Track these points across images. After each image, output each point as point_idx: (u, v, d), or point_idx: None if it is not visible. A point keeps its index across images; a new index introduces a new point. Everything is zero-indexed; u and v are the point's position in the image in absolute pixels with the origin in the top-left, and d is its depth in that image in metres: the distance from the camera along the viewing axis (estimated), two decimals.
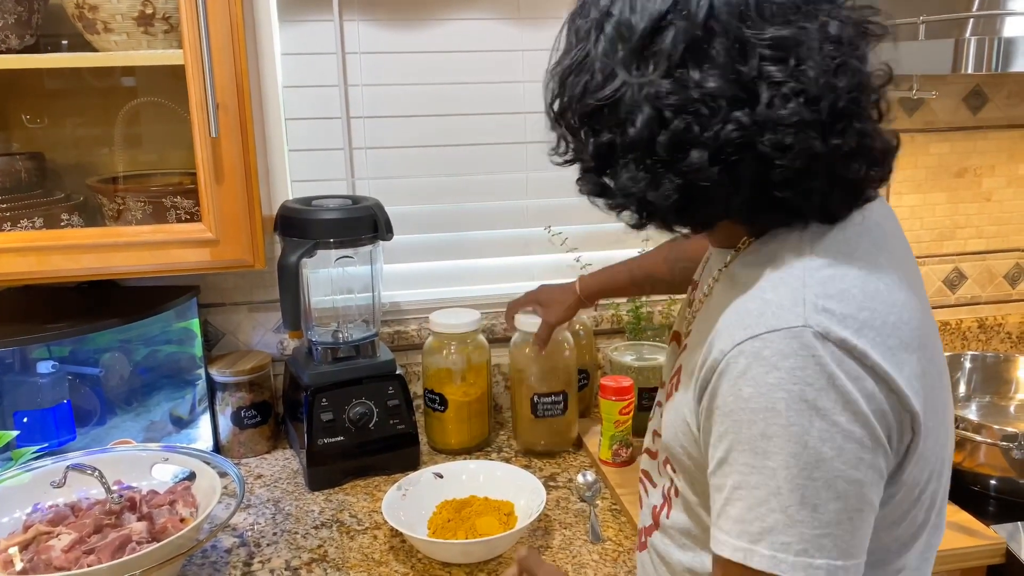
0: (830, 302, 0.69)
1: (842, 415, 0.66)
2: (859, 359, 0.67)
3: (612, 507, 1.36)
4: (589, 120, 0.73)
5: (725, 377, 0.70)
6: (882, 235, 0.77)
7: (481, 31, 1.64)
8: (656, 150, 0.69)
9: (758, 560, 0.67)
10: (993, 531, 1.25)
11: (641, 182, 0.71)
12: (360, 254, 1.50)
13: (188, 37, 1.21)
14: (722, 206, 0.72)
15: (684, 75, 0.67)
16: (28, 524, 1.17)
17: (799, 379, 0.66)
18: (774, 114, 0.67)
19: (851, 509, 0.67)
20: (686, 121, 0.67)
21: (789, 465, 0.66)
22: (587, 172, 0.76)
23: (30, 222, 1.30)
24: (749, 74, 0.66)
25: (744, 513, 0.68)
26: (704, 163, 0.68)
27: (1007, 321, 1.95)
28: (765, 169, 0.69)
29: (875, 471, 0.68)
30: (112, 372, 1.52)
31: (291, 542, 1.28)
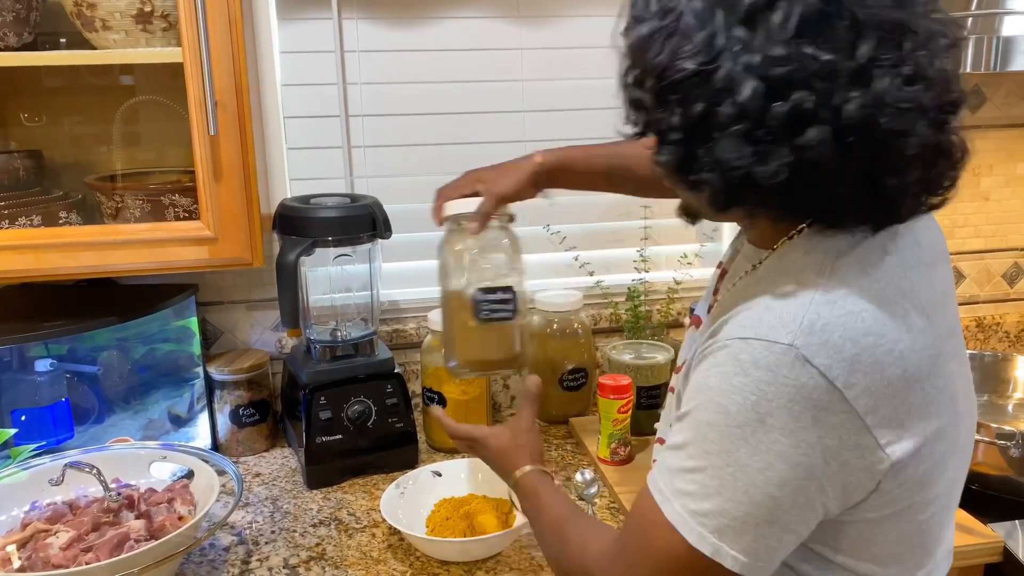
0: (831, 323, 0.68)
1: (787, 438, 0.68)
2: (841, 389, 0.67)
3: (610, 505, 1.36)
4: (678, 88, 0.68)
5: (706, 360, 0.73)
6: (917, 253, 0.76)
7: (480, 29, 1.64)
8: (768, 123, 0.65)
9: (669, 511, 0.73)
10: (991, 529, 1.25)
11: (747, 156, 0.67)
12: (359, 252, 1.50)
13: (187, 35, 1.21)
14: (826, 192, 0.69)
15: (798, 48, 0.64)
16: (26, 522, 1.17)
17: (760, 392, 0.68)
18: (893, 95, 0.65)
19: (760, 519, 0.70)
20: (804, 95, 0.64)
21: (720, 455, 0.70)
22: (669, 144, 0.71)
23: (28, 220, 1.30)
24: (865, 54, 0.65)
25: (675, 470, 0.74)
26: (824, 140, 0.65)
27: (1005, 320, 1.95)
28: (876, 155, 0.66)
29: (800, 497, 0.70)
30: (110, 370, 1.52)
31: (289, 540, 1.28)
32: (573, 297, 1.65)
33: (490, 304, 1.12)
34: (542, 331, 1.65)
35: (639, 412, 1.51)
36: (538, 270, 1.77)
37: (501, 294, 1.12)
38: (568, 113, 1.69)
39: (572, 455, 1.54)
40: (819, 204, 0.71)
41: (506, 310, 1.13)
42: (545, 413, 1.68)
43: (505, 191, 1.15)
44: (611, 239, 1.78)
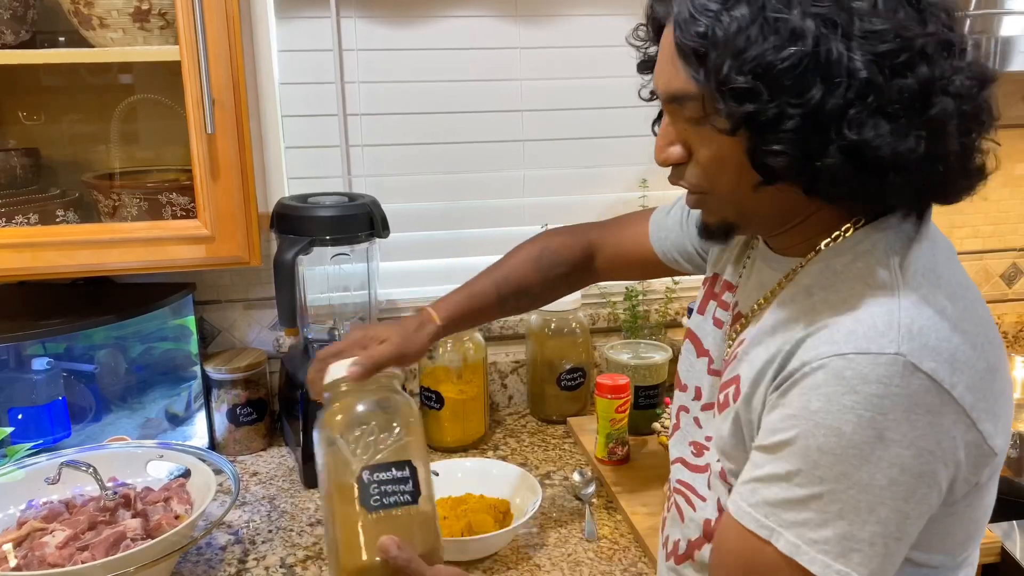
0: (925, 326, 0.67)
1: (908, 450, 0.66)
2: (948, 390, 0.66)
3: (608, 505, 1.36)
4: (788, 74, 0.64)
5: (799, 386, 0.69)
6: (949, 248, 0.76)
7: (479, 28, 1.64)
8: (896, 98, 0.64)
9: (783, 543, 0.68)
10: (988, 530, 1.25)
11: (887, 135, 0.64)
12: (356, 251, 1.50)
13: (184, 33, 1.20)
14: (939, 166, 0.67)
15: (898, 23, 0.64)
16: (22, 521, 1.17)
17: (875, 407, 0.65)
18: (976, 66, 0.67)
19: (888, 536, 0.67)
20: (925, 67, 0.64)
21: (838, 480, 0.66)
22: (784, 132, 0.66)
23: (25, 218, 1.29)
24: (940, 33, 0.66)
25: (780, 502, 0.68)
26: (948, 110, 0.65)
27: (1003, 320, 1.95)
28: (970, 126, 0.68)
29: (923, 506, 0.68)
30: (107, 369, 1.52)
31: (286, 539, 1.27)
32: (571, 297, 1.63)
33: (382, 485, 0.84)
34: (540, 330, 1.65)
35: (636, 412, 1.51)
36: None
37: (395, 471, 0.85)
38: (566, 112, 1.69)
39: (570, 454, 1.54)
40: (931, 181, 0.69)
41: (403, 492, 0.84)
42: (543, 412, 1.68)
43: (407, 350, 1.03)
44: None
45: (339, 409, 0.93)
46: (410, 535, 0.83)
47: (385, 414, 0.91)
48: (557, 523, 1.31)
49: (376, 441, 0.87)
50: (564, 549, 1.24)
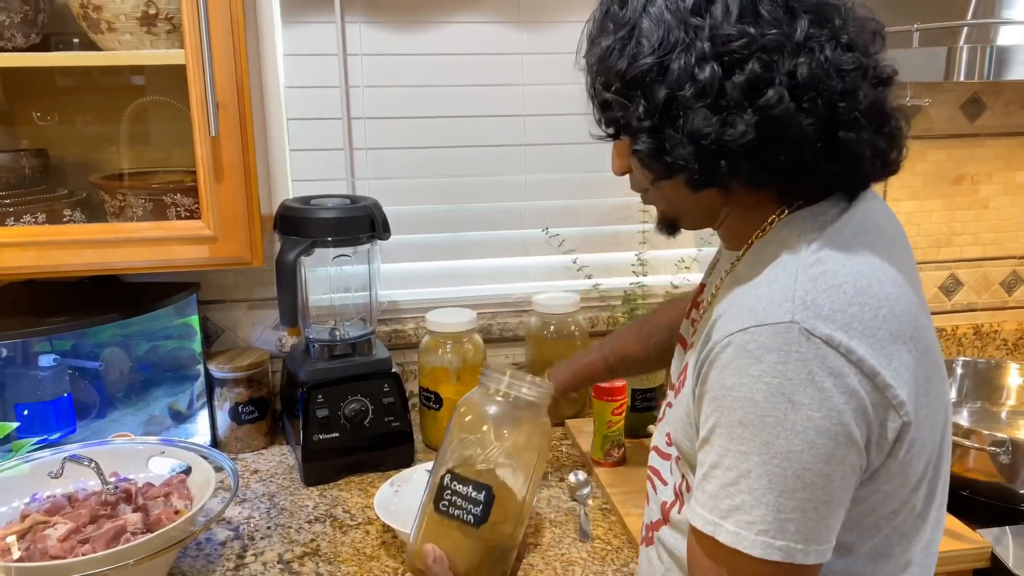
0: (819, 297, 0.71)
1: (817, 411, 0.69)
2: (844, 355, 0.70)
3: (603, 506, 1.38)
4: (640, 82, 0.76)
5: (714, 366, 0.74)
6: (880, 235, 0.80)
7: (481, 34, 1.66)
8: (728, 93, 0.72)
9: (724, 535, 0.71)
10: (979, 535, 1.26)
11: (716, 124, 0.73)
12: (358, 253, 1.52)
13: (189, 37, 1.23)
14: (792, 151, 0.74)
15: (743, 29, 0.72)
16: (25, 513, 1.19)
17: (779, 373, 0.69)
18: (837, 59, 0.73)
19: (817, 500, 0.70)
20: (758, 64, 0.72)
21: (761, 452, 0.70)
22: (641, 132, 0.78)
23: (32, 217, 1.32)
24: (803, 30, 0.73)
25: (717, 490, 0.72)
26: (783, 99, 0.72)
27: (1003, 328, 1.95)
28: (831, 112, 0.73)
29: (845, 466, 0.71)
30: (112, 366, 1.54)
31: (284, 536, 1.29)
32: (571, 300, 1.66)
33: (455, 495, 0.86)
34: (539, 333, 1.67)
35: (633, 415, 1.53)
36: (536, 273, 1.79)
37: (473, 490, 0.85)
38: (567, 117, 1.70)
39: (567, 456, 1.55)
40: (787, 165, 0.75)
41: (470, 512, 0.85)
42: None
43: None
44: (609, 243, 1.79)
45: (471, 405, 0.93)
46: (458, 552, 0.85)
47: (505, 431, 0.89)
48: (552, 523, 1.32)
49: (477, 454, 0.88)
50: (558, 549, 1.25)
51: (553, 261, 1.78)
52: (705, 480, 0.74)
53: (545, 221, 1.76)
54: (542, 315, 1.66)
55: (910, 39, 1.39)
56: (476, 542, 0.86)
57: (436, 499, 0.88)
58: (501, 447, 0.89)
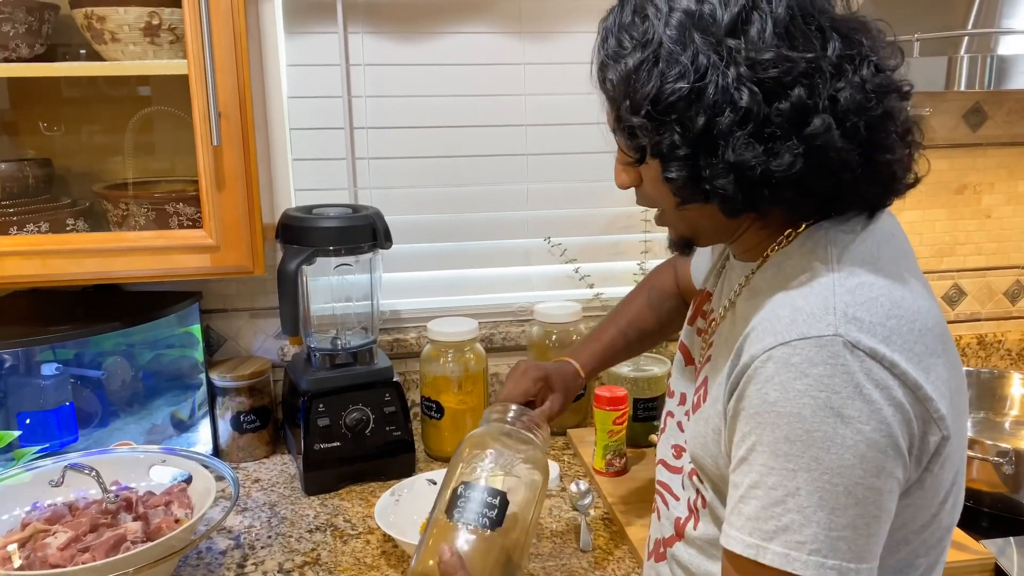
0: (859, 311, 0.70)
1: (867, 424, 0.68)
2: (888, 368, 0.69)
3: (604, 516, 1.37)
4: (675, 108, 0.73)
5: (753, 381, 0.72)
6: (899, 246, 0.80)
7: (484, 44, 1.66)
8: (773, 120, 0.71)
9: (770, 557, 0.69)
10: (983, 546, 1.25)
11: (761, 154, 0.71)
12: (360, 262, 1.52)
13: (192, 48, 1.24)
14: (835, 177, 0.73)
15: (780, 53, 0.71)
16: (26, 522, 1.19)
17: (826, 387, 0.68)
18: (873, 82, 0.72)
19: (868, 515, 0.68)
20: (801, 91, 0.70)
21: (811, 468, 0.68)
22: (676, 160, 0.75)
23: (36, 226, 1.33)
24: (837, 52, 0.72)
25: (759, 512, 0.70)
26: (830, 127, 0.71)
27: (1007, 338, 1.95)
28: (871, 135, 0.73)
29: (894, 480, 0.70)
30: (114, 375, 1.54)
31: (285, 545, 1.29)
32: (572, 309, 1.66)
33: (469, 502, 0.89)
34: (541, 342, 1.67)
35: (635, 424, 1.52)
36: (538, 282, 1.79)
37: (487, 496, 0.89)
38: (569, 127, 1.71)
39: (568, 466, 1.55)
40: (830, 190, 0.74)
41: (484, 515, 0.87)
42: None
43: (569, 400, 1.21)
44: (611, 252, 1.79)
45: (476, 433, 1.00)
46: (473, 555, 0.85)
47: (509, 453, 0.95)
48: (553, 533, 1.32)
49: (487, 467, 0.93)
50: (559, 559, 1.25)
51: (555, 270, 1.78)
52: (743, 502, 0.72)
53: (547, 230, 1.76)
54: (544, 324, 1.66)
55: (911, 49, 1.39)
56: (491, 546, 0.87)
57: (449, 508, 0.89)
58: (511, 459, 0.94)
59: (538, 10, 1.66)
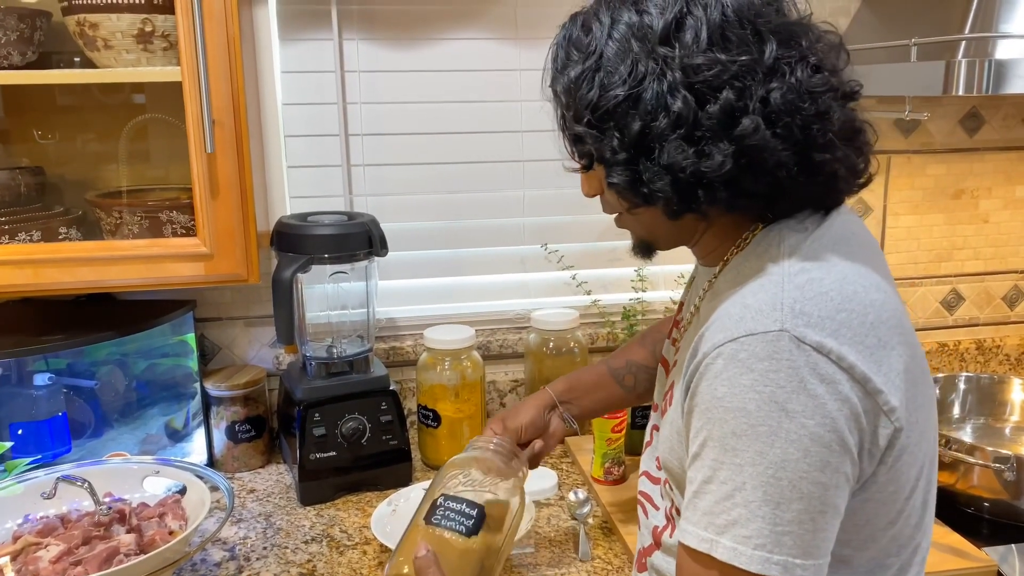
0: (808, 305, 0.71)
1: (811, 418, 0.68)
2: (836, 362, 0.69)
3: (603, 525, 1.36)
4: (613, 114, 0.76)
5: (704, 378, 0.73)
6: (857, 242, 0.80)
7: (479, 51, 1.66)
8: (703, 123, 0.72)
9: (721, 551, 0.70)
10: (985, 553, 1.24)
11: (692, 156, 0.73)
12: (355, 270, 1.51)
13: (185, 55, 1.23)
14: (769, 177, 0.75)
15: (714, 56, 0.72)
16: (18, 535, 1.18)
17: (771, 381, 0.69)
18: (808, 82, 0.74)
19: (813, 511, 0.69)
20: (731, 92, 0.72)
21: (756, 463, 0.69)
22: (616, 165, 0.78)
23: (28, 235, 1.31)
24: (773, 54, 0.73)
25: (711, 506, 0.71)
26: (759, 127, 0.72)
27: (1005, 343, 1.94)
28: (805, 135, 0.74)
29: (840, 475, 0.70)
30: (108, 385, 1.53)
31: (280, 556, 1.28)
32: (570, 316, 1.65)
33: (448, 510, 0.91)
34: (538, 349, 1.66)
35: (633, 432, 1.51)
36: (535, 289, 1.78)
37: (466, 506, 0.91)
38: None
39: (567, 474, 1.54)
40: (764, 190, 0.76)
41: (462, 523, 0.90)
42: None
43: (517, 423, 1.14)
44: (608, 258, 1.78)
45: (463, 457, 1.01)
46: (448, 558, 0.86)
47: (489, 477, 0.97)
48: (551, 542, 1.31)
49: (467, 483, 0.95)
50: (558, 569, 1.24)
51: (552, 277, 1.77)
52: (697, 497, 0.73)
53: (543, 237, 1.76)
54: (541, 331, 1.65)
55: (908, 53, 1.39)
56: (466, 551, 0.88)
57: (428, 516, 0.90)
58: (492, 480, 0.96)
59: (533, 17, 1.65)
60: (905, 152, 1.79)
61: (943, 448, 1.32)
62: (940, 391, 1.64)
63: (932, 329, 1.92)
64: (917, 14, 1.50)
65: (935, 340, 1.92)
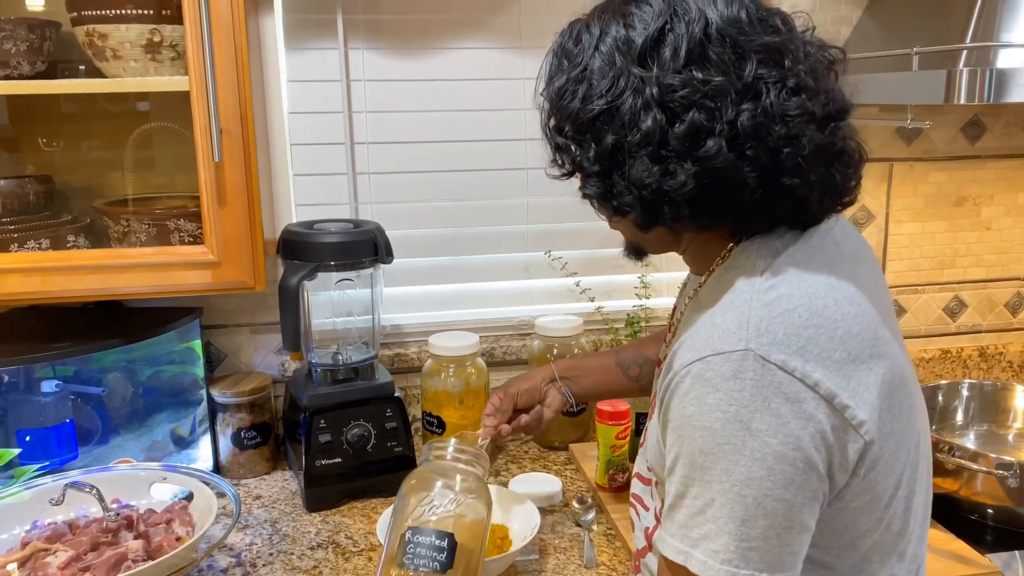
0: (774, 323, 0.72)
1: (774, 437, 0.69)
2: (800, 379, 0.70)
3: (608, 531, 1.36)
4: (590, 127, 0.77)
5: (675, 395, 0.75)
6: (838, 253, 0.81)
7: (483, 59, 1.67)
8: (670, 142, 0.73)
9: (694, 563, 0.72)
10: (989, 560, 1.24)
11: (656, 173, 0.74)
12: (361, 277, 1.52)
13: (193, 64, 1.24)
14: (733, 198, 0.75)
15: (690, 75, 0.73)
16: (26, 541, 1.18)
17: (735, 400, 0.70)
18: (780, 105, 0.73)
19: (779, 527, 0.70)
20: (699, 113, 0.72)
21: (722, 480, 0.70)
22: (591, 176, 0.79)
23: (36, 243, 1.32)
24: (751, 73, 0.73)
25: (686, 519, 0.73)
26: (721, 149, 0.72)
27: (1008, 350, 1.95)
28: (773, 159, 0.73)
29: (806, 492, 0.71)
30: (115, 392, 1.54)
31: (286, 563, 1.28)
32: (574, 322, 1.66)
33: (418, 547, 0.89)
34: (542, 356, 1.67)
35: (637, 438, 1.51)
36: (539, 296, 1.79)
37: (435, 538, 0.90)
38: None
39: (571, 481, 1.54)
40: (729, 210, 0.77)
41: (435, 559, 0.88)
42: (545, 439, 1.69)
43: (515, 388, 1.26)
44: (612, 265, 1.79)
45: (418, 472, 1.02)
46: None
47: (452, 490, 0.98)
48: (556, 549, 1.31)
49: (433, 508, 0.96)
50: (563, 575, 1.24)
51: (556, 284, 1.78)
52: (673, 509, 0.75)
53: (547, 244, 1.76)
54: (545, 338, 1.66)
55: (910, 62, 1.40)
56: None
57: (399, 556, 0.91)
58: (455, 494, 0.97)
59: (537, 25, 1.66)
60: (907, 160, 1.80)
61: (946, 455, 1.33)
62: (943, 398, 1.64)
63: (935, 336, 1.92)
64: (918, 23, 1.51)
65: (938, 347, 1.92)
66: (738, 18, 0.75)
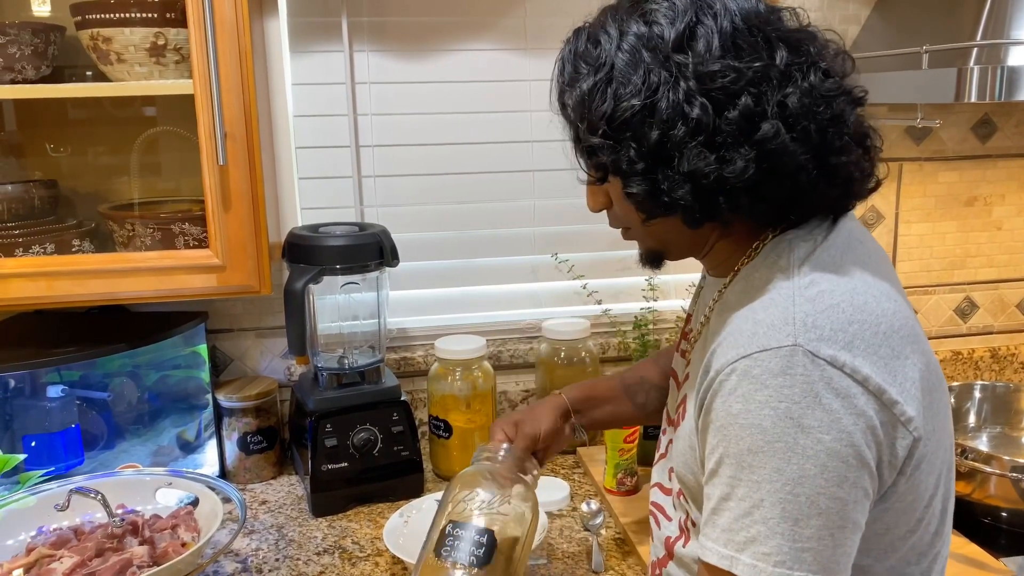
0: (820, 319, 0.71)
1: (827, 434, 0.68)
2: (850, 375, 0.69)
3: (616, 536, 1.35)
4: (629, 125, 0.76)
5: (718, 394, 0.73)
6: (865, 251, 0.80)
7: (489, 61, 1.66)
8: (723, 129, 0.73)
9: (741, 568, 0.69)
10: (1002, 563, 1.23)
11: (713, 161, 0.73)
12: (366, 280, 1.51)
13: (198, 68, 1.23)
14: (792, 181, 0.75)
15: (728, 63, 0.73)
16: (31, 547, 1.18)
17: (786, 397, 0.68)
18: (821, 87, 0.74)
19: (832, 526, 0.68)
20: (748, 99, 0.72)
21: (773, 479, 0.68)
22: (634, 176, 0.77)
23: (41, 248, 1.32)
24: (784, 60, 0.74)
25: (731, 523, 0.71)
26: (779, 131, 0.72)
27: (1020, 351, 1.93)
28: (822, 139, 0.74)
29: (859, 490, 0.69)
30: (120, 397, 1.53)
31: (293, 568, 1.27)
32: (581, 325, 1.65)
33: (457, 540, 0.89)
34: (549, 359, 1.65)
35: (646, 442, 1.50)
36: (546, 299, 1.77)
37: (475, 534, 0.90)
38: None
39: (579, 485, 1.53)
40: (785, 195, 0.76)
41: (473, 553, 0.88)
42: None
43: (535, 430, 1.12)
44: (619, 267, 1.78)
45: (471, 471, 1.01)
46: None
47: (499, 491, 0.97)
48: (564, 554, 1.30)
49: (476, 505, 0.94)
50: None
51: (562, 287, 1.77)
52: (715, 514, 0.72)
53: (554, 247, 1.75)
54: (552, 341, 1.65)
55: (919, 61, 1.38)
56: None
57: (438, 547, 0.90)
58: (500, 498, 0.95)
59: (543, 27, 1.66)
60: (917, 160, 1.78)
61: (959, 457, 1.31)
62: (955, 400, 1.63)
63: (946, 337, 1.90)
64: (928, 21, 1.49)
65: (949, 348, 1.90)
66: (758, 10, 0.76)
